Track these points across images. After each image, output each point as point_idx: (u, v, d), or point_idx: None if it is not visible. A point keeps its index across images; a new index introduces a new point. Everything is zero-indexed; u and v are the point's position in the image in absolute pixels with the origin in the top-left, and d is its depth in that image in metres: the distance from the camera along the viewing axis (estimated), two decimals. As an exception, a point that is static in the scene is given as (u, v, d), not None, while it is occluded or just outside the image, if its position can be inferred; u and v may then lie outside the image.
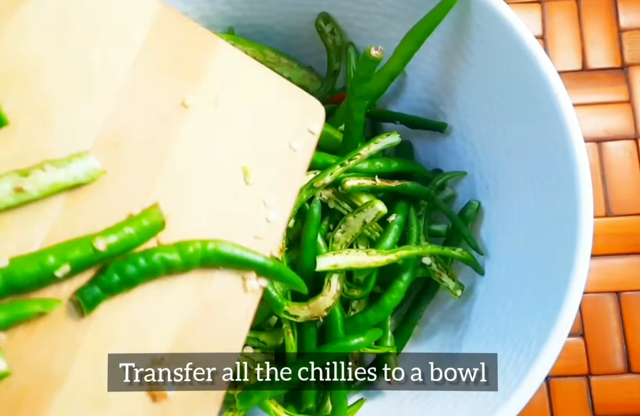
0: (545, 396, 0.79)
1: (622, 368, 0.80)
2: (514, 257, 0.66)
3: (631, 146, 0.84)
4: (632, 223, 0.83)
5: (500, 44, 0.62)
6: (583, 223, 0.57)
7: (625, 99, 0.86)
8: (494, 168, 0.69)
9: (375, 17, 0.69)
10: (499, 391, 0.58)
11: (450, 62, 0.68)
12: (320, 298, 0.64)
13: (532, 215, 0.64)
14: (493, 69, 0.64)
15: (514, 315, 0.63)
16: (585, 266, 0.57)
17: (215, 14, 0.71)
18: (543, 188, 0.62)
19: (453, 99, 0.71)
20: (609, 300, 0.81)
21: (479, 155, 0.70)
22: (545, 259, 0.61)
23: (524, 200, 0.65)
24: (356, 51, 0.73)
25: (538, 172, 0.63)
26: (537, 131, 0.62)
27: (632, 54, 0.86)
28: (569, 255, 0.57)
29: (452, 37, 0.65)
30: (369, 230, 0.67)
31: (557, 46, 0.86)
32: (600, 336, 0.81)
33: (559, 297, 0.57)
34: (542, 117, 0.60)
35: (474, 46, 0.64)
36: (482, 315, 0.68)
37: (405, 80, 0.74)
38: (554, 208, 0.61)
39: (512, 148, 0.66)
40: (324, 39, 0.73)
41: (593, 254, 0.80)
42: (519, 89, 0.62)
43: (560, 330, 0.56)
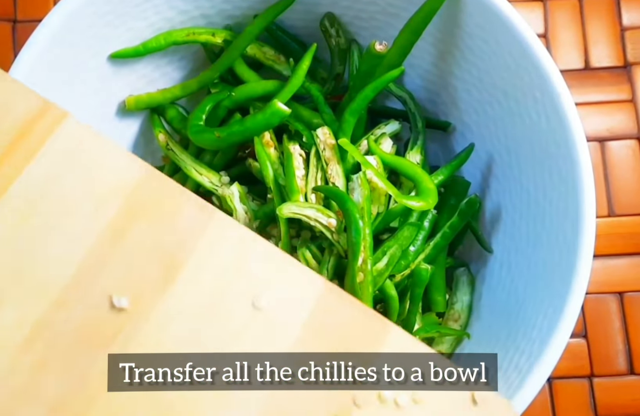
0: (548, 397, 0.79)
1: (625, 370, 0.80)
2: (516, 257, 0.66)
3: (634, 145, 0.84)
4: (635, 223, 0.82)
5: (501, 42, 0.62)
6: (585, 223, 0.57)
7: (628, 98, 0.85)
8: (495, 167, 0.69)
9: (376, 16, 0.68)
10: (501, 393, 0.57)
11: (451, 61, 0.68)
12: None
13: (533, 214, 0.64)
14: (494, 68, 0.64)
15: (515, 315, 0.63)
16: (588, 266, 0.57)
17: (215, 12, 0.71)
18: (545, 188, 0.62)
19: (454, 97, 0.70)
20: (611, 300, 0.81)
21: (480, 154, 0.70)
22: (547, 259, 0.61)
23: (526, 200, 0.65)
24: (359, 49, 0.72)
25: (540, 171, 0.63)
26: (539, 130, 0.62)
27: (635, 52, 0.86)
28: (572, 256, 0.57)
29: (452, 35, 0.65)
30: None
31: (559, 45, 0.86)
32: (603, 337, 0.80)
33: (561, 297, 0.57)
34: (544, 116, 0.61)
35: (475, 45, 0.64)
36: (483, 315, 0.68)
37: (405, 79, 0.74)
38: (556, 208, 0.61)
39: (513, 147, 0.66)
40: (327, 40, 0.72)
41: (595, 254, 0.80)
42: (520, 87, 0.62)
43: (562, 331, 0.56)
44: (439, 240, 0.68)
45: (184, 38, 0.70)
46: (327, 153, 0.65)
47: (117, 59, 0.69)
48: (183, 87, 0.72)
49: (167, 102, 0.73)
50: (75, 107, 0.64)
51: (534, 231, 0.64)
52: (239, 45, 0.70)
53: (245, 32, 0.69)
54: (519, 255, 0.66)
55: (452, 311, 0.70)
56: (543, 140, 0.62)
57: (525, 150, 0.64)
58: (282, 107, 0.65)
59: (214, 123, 0.70)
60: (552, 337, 0.56)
